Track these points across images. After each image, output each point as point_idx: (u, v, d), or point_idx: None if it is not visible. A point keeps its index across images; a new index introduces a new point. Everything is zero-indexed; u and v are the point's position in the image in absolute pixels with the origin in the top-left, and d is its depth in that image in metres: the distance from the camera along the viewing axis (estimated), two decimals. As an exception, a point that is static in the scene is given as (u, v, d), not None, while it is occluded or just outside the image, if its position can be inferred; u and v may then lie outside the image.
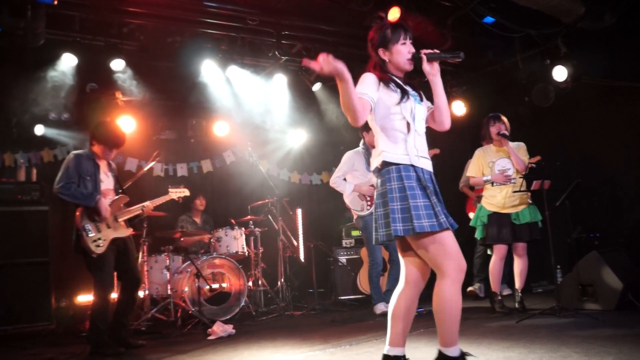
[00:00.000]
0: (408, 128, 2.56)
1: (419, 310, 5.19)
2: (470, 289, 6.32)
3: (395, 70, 2.66)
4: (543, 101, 6.37)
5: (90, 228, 4.15)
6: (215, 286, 5.70)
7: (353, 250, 6.96)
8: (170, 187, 5.16)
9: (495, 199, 4.94)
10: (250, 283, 6.12)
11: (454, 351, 2.46)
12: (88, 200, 4.17)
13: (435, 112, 2.69)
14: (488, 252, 5.90)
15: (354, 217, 5.68)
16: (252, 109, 7.32)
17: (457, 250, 2.47)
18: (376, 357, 2.97)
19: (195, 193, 6.14)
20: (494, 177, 4.94)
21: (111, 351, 4.06)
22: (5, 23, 4.75)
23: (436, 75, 2.62)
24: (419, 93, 2.69)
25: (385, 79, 2.59)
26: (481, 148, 5.16)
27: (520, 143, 5.02)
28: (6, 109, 6.16)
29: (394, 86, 2.58)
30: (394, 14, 5.35)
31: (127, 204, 4.49)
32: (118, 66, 5.82)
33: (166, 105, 7.25)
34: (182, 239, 6.09)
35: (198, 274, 5.37)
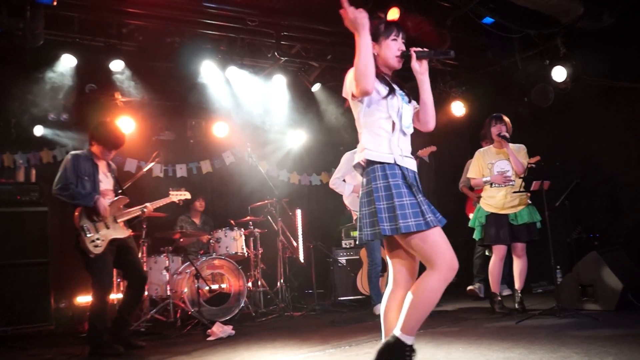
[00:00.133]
0: (393, 127, 2.53)
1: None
2: (470, 289, 6.31)
3: (383, 66, 2.63)
4: (542, 101, 6.37)
5: (88, 228, 4.15)
6: (214, 287, 5.69)
7: (352, 250, 6.95)
8: (171, 190, 5.16)
9: (494, 200, 4.93)
10: (249, 284, 6.11)
11: (409, 340, 2.42)
12: (86, 200, 4.16)
13: (420, 111, 2.65)
14: (487, 253, 5.90)
15: (354, 218, 5.67)
16: (252, 110, 7.33)
17: (448, 247, 2.43)
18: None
19: (194, 194, 6.13)
20: (493, 178, 4.93)
21: (111, 351, 4.05)
22: (4, 23, 4.74)
23: (424, 73, 2.59)
24: (407, 94, 2.66)
25: None
26: (481, 149, 5.16)
27: (520, 145, 5.01)
28: (5, 110, 6.16)
29: (381, 80, 2.56)
30: (393, 14, 5.34)
31: (127, 205, 4.49)
32: (117, 67, 5.82)
33: (165, 106, 7.26)
34: (182, 240, 6.09)
35: (197, 275, 5.37)
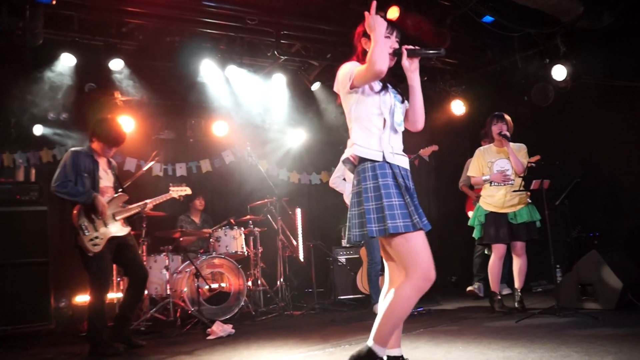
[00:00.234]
0: (384, 124, 2.53)
1: (419, 309, 5.22)
2: (469, 289, 6.31)
3: None
4: (542, 101, 6.36)
5: (86, 227, 4.13)
6: (214, 286, 5.69)
7: (352, 249, 6.95)
8: (171, 186, 5.15)
9: (493, 199, 4.94)
10: (249, 283, 6.11)
11: (381, 352, 2.41)
12: (84, 197, 4.14)
13: (409, 111, 2.64)
14: (486, 252, 5.90)
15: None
16: (251, 109, 7.32)
17: (427, 256, 2.41)
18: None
19: (194, 193, 6.12)
20: (493, 177, 4.93)
21: (110, 351, 4.04)
22: (3, 23, 4.73)
23: (415, 71, 2.57)
24: (400, 93, 2.64)
25: None
26: (482, 148, 5.16)
27: (521, 144, 5.01)
28: (5, 109, 6.15)
29: None
30: (393, 14, 5.34)
31: (126, 203, 4.47)
32: (117, 66, 5.81)
33: (165, 105, 7.24)
34: (182, 239, 6.09)
35: (197, 274, 5.36)
